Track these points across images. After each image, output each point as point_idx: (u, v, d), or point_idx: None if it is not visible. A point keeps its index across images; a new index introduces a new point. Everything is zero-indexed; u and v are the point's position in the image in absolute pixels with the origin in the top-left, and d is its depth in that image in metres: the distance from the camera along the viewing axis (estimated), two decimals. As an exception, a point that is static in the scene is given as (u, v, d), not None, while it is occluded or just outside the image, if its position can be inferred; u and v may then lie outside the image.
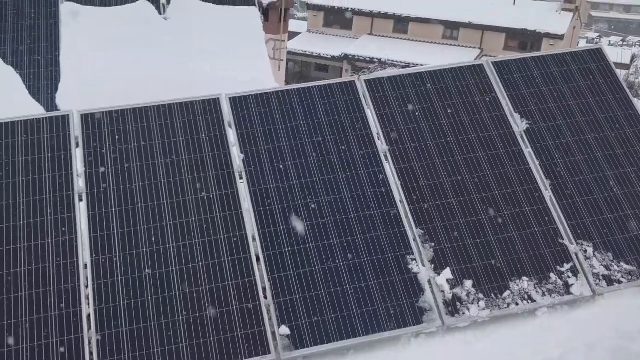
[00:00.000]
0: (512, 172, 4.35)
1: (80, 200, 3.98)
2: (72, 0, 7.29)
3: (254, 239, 3.97)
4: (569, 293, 3.95)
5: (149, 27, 7.04)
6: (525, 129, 4.55)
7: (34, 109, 5.91)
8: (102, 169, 4.09)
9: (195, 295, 3.72)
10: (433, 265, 3.96)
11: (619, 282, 4.02)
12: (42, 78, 6.61)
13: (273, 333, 3.66)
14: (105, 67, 6.58)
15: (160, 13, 7.34)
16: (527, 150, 4.46)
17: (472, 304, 3.85)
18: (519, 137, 4.51)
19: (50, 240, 3.80)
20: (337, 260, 3.91)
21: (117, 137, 4.25)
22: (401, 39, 38.21)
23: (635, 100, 4.81)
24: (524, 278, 3.97)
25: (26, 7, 7.18)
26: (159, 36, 7.01)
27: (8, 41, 6.85)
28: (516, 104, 4.66)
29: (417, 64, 32.00)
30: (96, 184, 4.03)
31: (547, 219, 4.19)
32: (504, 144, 4.47)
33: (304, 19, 47.01)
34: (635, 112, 4.71)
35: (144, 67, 6.63)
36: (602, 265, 4.07)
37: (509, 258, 4.04)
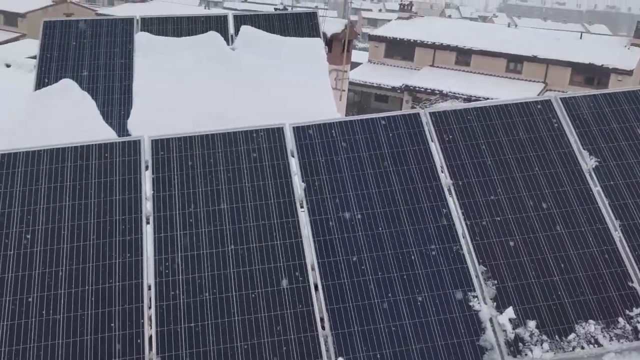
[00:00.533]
0: (580, 211, 4.23)
1: (147, 222, 4.09)
2: (146, 30, 7.59)
3: (313, 269, 3.98)
4: (638, 339, 3.79)
5: (217, 57, 7.25)
6: (594, 166, 4.43)
7: (106, 134, 6.15)
8: (169, 193, 4.20)
9: (254, 322, 3.74)
10: (495, 304, 3.88)
11: (694, 330, 3.83)
12: (115, 104, 6.89)
13: (330, 364, 3.64)
14: (174, 95, 6.80)
15: (228, 44, 7.55)
16: (596, 189, 4.33)
17: (536, 345, 3.74)
18: (587, 175, 4.39)
19: (117, 261, 3.92)
20: (397, 294, 3.87)
21: (184, 162, 4.37)
22: (463, 71, 38.02)
23: None
24: (591, 321, 3.84)
25: (103, 36, 7.52)
26: (225, 66, 7.20)
27: (85, 68, 7.18)
28: (585, 140, 4.55)
29: (480, 97, 31.73)
30: (163, 208, 4.15)
31: (616, 260, 4.04)
32: (571, 181, 4.36)
33: (364, 49, 47.40)
34: None
35: (210, 96, 6.81)
36: (674, 311, 3.89)
37: (575, 299, 3.91)
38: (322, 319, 3.80)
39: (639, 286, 3.96)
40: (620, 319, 3.84)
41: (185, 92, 6.83)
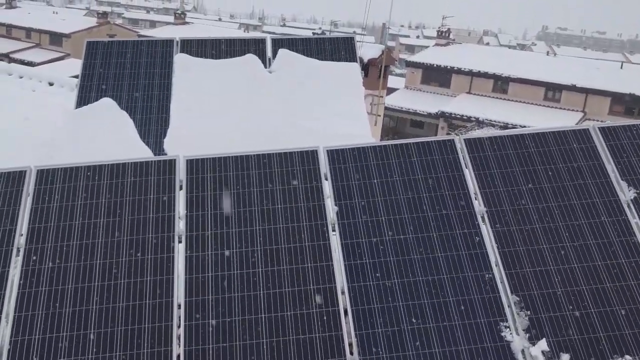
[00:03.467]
0: (617, 243, 4.13)
1: (180, 241, 4.13)
2: (185, 52, 7.74)
3: (342, 293, 3.95)
4: (678, 378, 3.66)
5: (254, 79, 7.34)
6: (632, 197, 4.34)
7: (143, 152, 6.25)
8: (202, 213, 4.24)
9: (282, 345, 3.73)
10: (528, 335, 3.79)
11: None
12: (153, 123, 7.02)
13: (357, 391, 3.60)
14: (211, 116, 6.89)
15: (265, 66, 7.64)
16: (634, 221, 4.23)
17: (569, 379, 3.64)
18: (625, 206, 4.30)
19: (148, 279, 3.95)
20: (427, 321, 3.82)
21: (217, 182, 4.40)
22: (500, 99, 37.73)
23: None
24: (627, 357, 3.72)
25: (143, 57, 7.70)
26: (262, 88, 7.28)
27: (125, 87, 7.35)
28: (623, 171, 4.46)
29: (516, 125, 31.41)
30: (195, 227, 4.18)
31: (655, 295, 3.93)
32: (608, 212, 4.26)
33: (401, 75, 47.50)
34: None
35: (246, 117, 6.88)
36: None
37: (611, 333, 3.80)
38: (350, 344, 3.76)
39: (679, 323, 3.83)
40: (659, 356, 3.72)
41: (221, 112, 6.92)
